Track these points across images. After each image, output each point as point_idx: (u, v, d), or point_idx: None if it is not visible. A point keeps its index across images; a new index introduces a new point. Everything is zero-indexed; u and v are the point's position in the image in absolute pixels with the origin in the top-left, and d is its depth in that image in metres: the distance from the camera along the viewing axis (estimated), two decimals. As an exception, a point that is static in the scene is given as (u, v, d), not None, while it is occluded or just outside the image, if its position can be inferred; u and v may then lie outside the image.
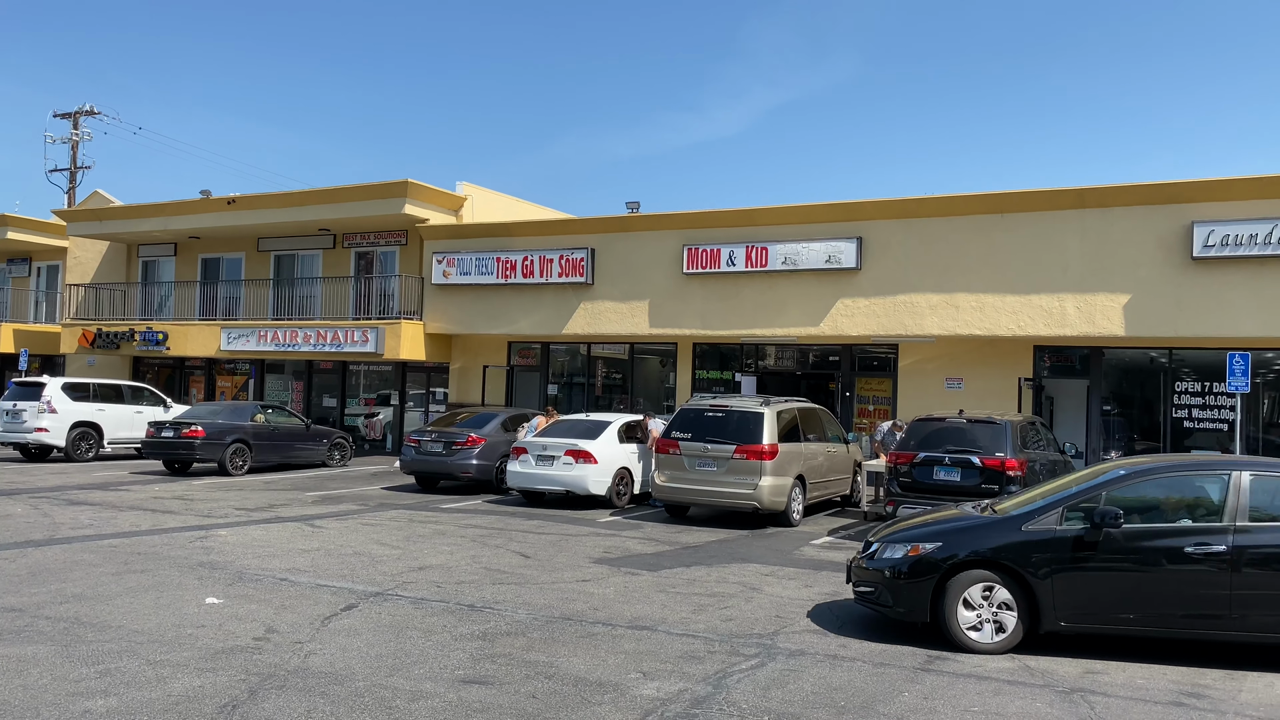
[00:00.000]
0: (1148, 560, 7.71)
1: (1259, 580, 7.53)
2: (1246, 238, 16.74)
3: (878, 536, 8.66)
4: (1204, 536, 7.68)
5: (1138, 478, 8.20)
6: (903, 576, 8.17)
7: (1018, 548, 7.93)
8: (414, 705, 6.34)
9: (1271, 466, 8.14)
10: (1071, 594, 7.79)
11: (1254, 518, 7.73)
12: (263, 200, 26.67)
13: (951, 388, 20.43)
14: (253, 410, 21.66)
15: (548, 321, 23.23)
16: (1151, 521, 7.94)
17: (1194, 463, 8.52)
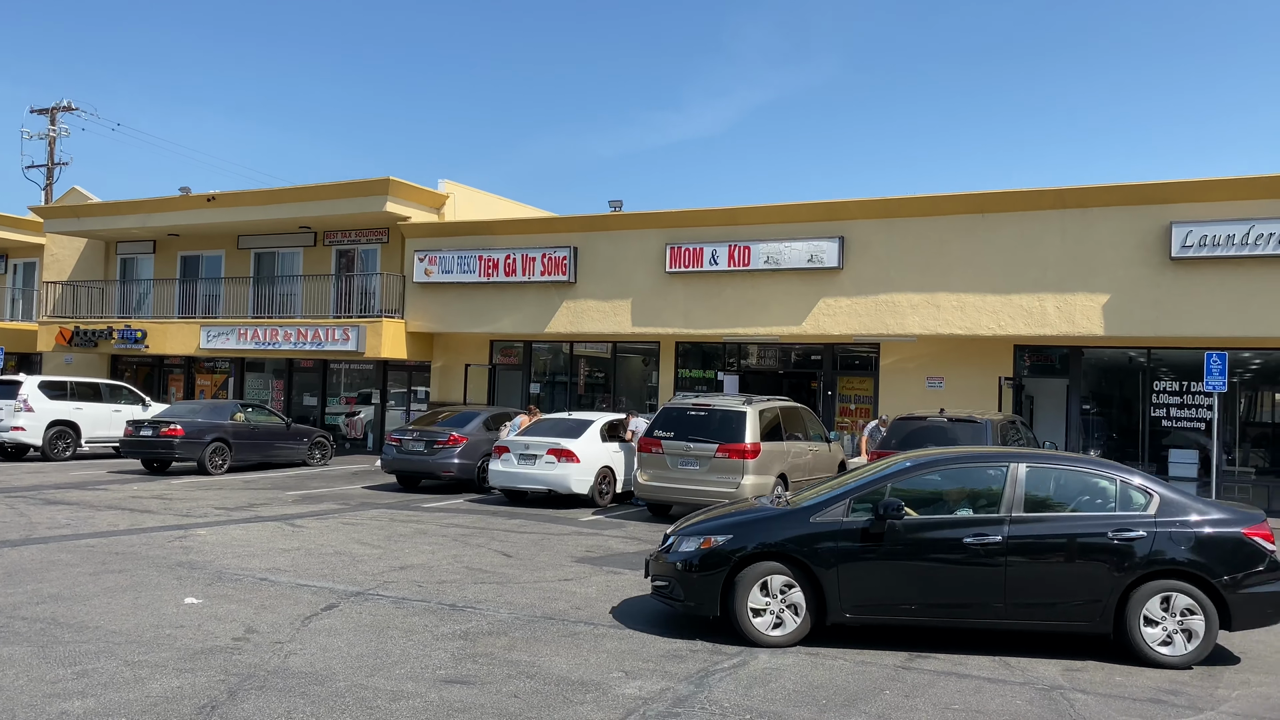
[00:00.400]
0: (929, 551, 7.81)
1: (1031, 569, 7.72)
2: (1224, 238, 16.90)
3: (675, 530, 8.58)
4: (982, 527, 7.82)
5: (922, 470, 8.32)
6: (694, 569, 8.11)
7: (806, 539, 7.94)
8: (395, 705, 6.31)
9: (1047, 459, 8.37)
10: (857, 585, 7.84)
11: (1029, 508, 7.91)
12: (243, 197, 26.49)
13: (933, 387, 20.53)
14: (232, 409, 21.51)
15: (530, 320, 23.19)
16: (934, 513, 8.08)
17: (975, 455, 8.63)
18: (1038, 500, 8.00)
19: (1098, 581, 7.67)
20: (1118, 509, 7.92)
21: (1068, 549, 7.72)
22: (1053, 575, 7.72)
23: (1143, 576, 7.68)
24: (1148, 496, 7.94)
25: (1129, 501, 7.95)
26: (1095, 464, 8.42)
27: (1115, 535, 7.71)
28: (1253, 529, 7.85)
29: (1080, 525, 7.81)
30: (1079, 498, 8.10)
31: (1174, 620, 7.66)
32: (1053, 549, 7.74)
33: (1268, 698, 7.02)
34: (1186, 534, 7.73)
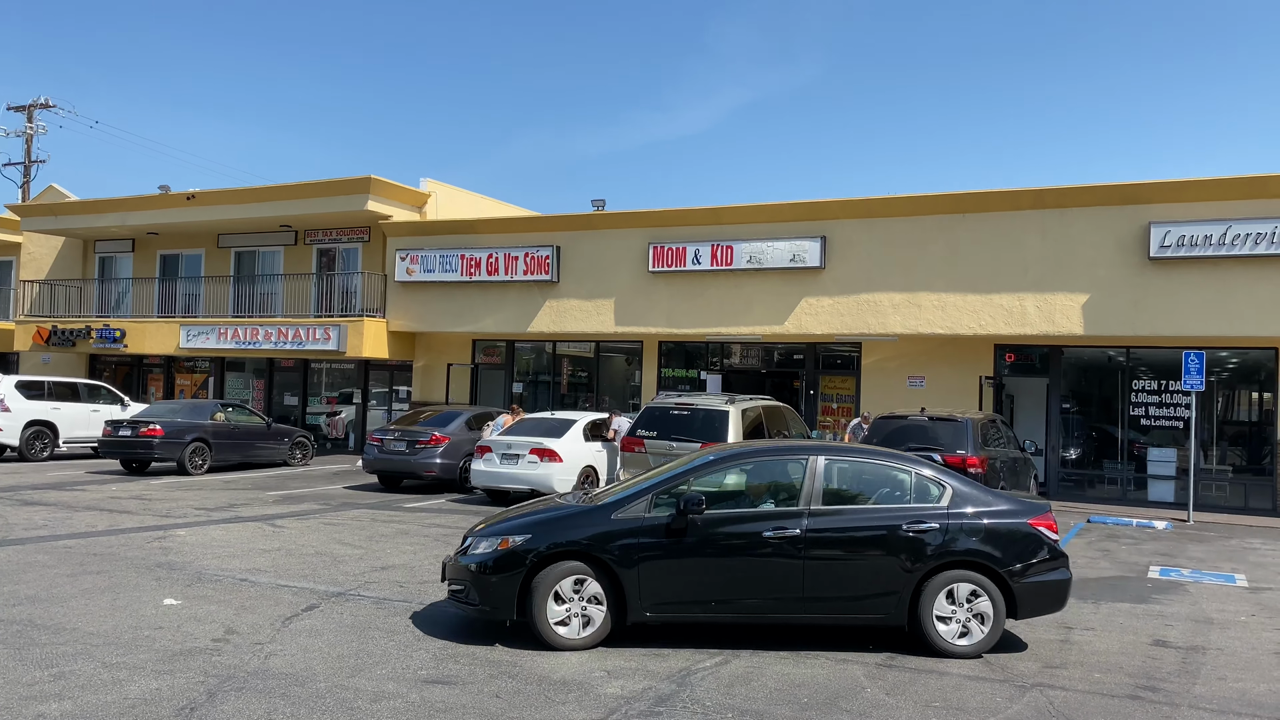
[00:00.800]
0: (730, 546, 7.71)
1: (829, 562, 7.72)
2: (1201, 239, 17.04)
3: (472, 530, 8.31)
4: (781, 521, 7.77)
5: (725, 463, 8.24)
6: (490, 572, 7.78)
7: (606, 537, 7.71)
8: (376, 706, 6.29)
9: (846, 452, 8.41)
10: (657, 583, 7.68)
11: (828, 501, 7.91)
12: (223, 196, 26.32)
13: (914, 386, 20.62)
14: (213, 409, 21.37)
15: (513, 320, 23.15)
16: (735, 507, 8.02)
17: (776, 448, 8.59)
18: (836, 493, 8.00)
19: (893, 573, 7.71)
20: (913, 501, 7.97)
21: (864, 541, 7.74)
22: (850, 568, 7.73)
23: (936, 568, 7.75)
24: (941, 489, 7.99)
25: (924, 494, 7.99)
26: (892, 456, 8.44)
27: (910, 527, 7.76)
28: (1037, 519, 8.00)
29: (877, 518, 7.84)
30: (877, 490, 8.13)
31: (965, 610, 7.75)
32: (850, 542, 7.74)
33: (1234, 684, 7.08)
34: (977, 525, 7.83)
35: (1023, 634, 8.59)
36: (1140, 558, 12.98)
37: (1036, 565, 7.87)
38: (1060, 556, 8.02)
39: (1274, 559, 13.14)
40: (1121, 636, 8.63)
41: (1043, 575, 7.89)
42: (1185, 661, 7.87)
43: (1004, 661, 7.71)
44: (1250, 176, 17.03)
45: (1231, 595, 10.64)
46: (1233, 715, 6.57)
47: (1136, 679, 7.34)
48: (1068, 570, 8.06)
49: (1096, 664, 7.72)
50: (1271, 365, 18.35)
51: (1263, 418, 18.73)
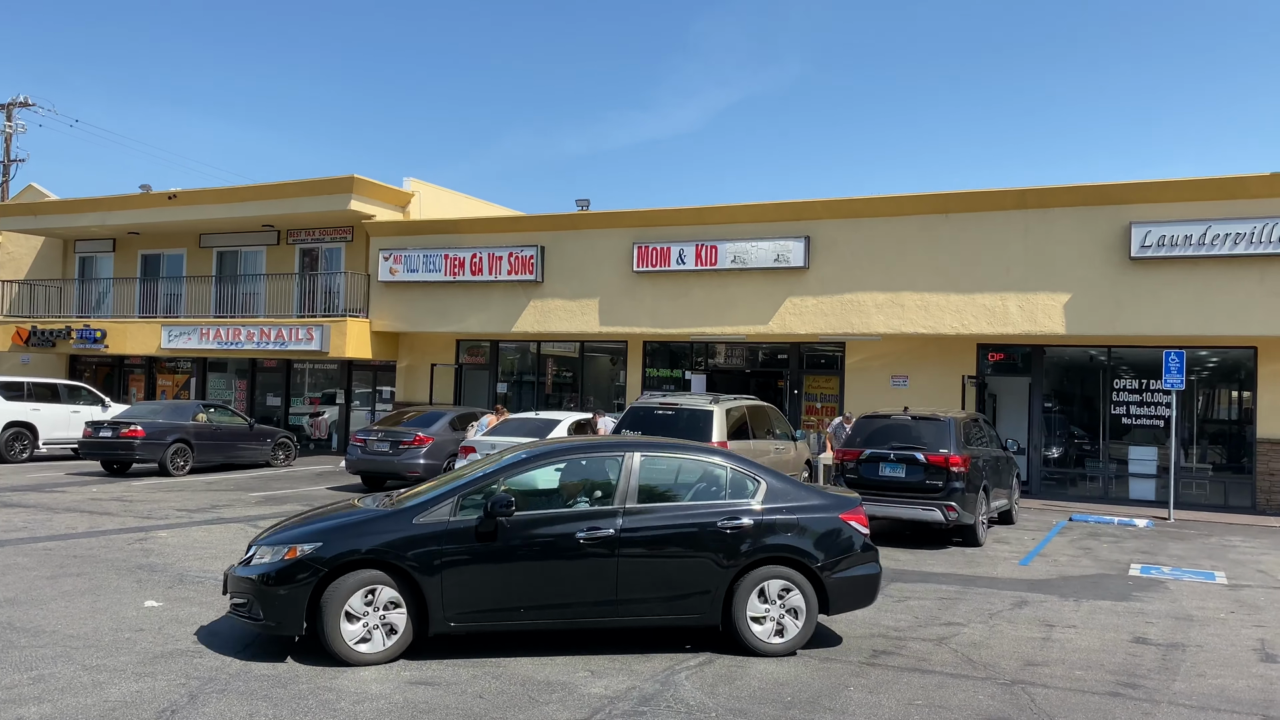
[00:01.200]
0: (541, 549, 7.37)
1: (644, 563, 7.50)
2: (1181, 238, 17.17)
3: (257, 539, 7.66)
4: (595, 521, 7.50)
5: (538, 461, 7.87)
6: (275, 583, 7.12)
7: (407, 543, 7.21)
8: (359, 707, 6.27)
9: (663, 448, 8.18)
10: (463, 591, 7.24)
11: (643, 499, 7.68)
12: (205, 195, 26.17)
13: (897, 385, 20.70)
14: (194, 409, 21.24)
15: (497, 319, 23.11)
16: (547, 507, 7.66)
17: (591, 444, 8.28)
18: (652, 490, 7.79)
19: (709, 571, 7.56)
20: (728, 497, 7.84)
21: (680, 539, 7.56)
22: (666, 567, 7.54)
23: (750, 564, 7.64)
24: (756, 484, 7.91)
25: (740, 489, 7.88)
26: (708, 452, 8.30)
27: (724, 524, 7.64)
28: (849, 514, 8.00)
29: (692, 515, 7.67)
30: (694, 486, 7.97)
31: (778, 607, 7.67)
32: (666, 540, 7.55)
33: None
34: (790, 520, 7.77)
35: (1003, 631, 8.64)
36: (1121, 555, 13.07)
37: (848, 560, 7.85)
38: (871, 550, 8.02)
39: (1253, 557, 13.26)
40: (1102, 634, 8.68)
41: (854, 570, 7.88)
42: (1165, 658, 7.93)
43: (986, 659, 7.74)
44: (1229, 177, 17.17)
45: (1211, 593, 10.72)
46: (1212, 711, 6.63)
47: (1117, 676, 7.39)
48: (878, 564, 8.07)
49: (1078, 661, 7.77)
50: (1251, 364, 18.50)
51: (1242, 416, 18.89)
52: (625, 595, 7.47)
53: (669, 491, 7.90)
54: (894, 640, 8.27)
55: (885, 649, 7.98)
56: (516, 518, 7.38)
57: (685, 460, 8.12)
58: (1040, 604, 9.88)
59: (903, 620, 9.02)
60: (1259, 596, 10.56)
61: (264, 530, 8.00)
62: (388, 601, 7.19)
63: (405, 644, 7.25)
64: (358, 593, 7.14)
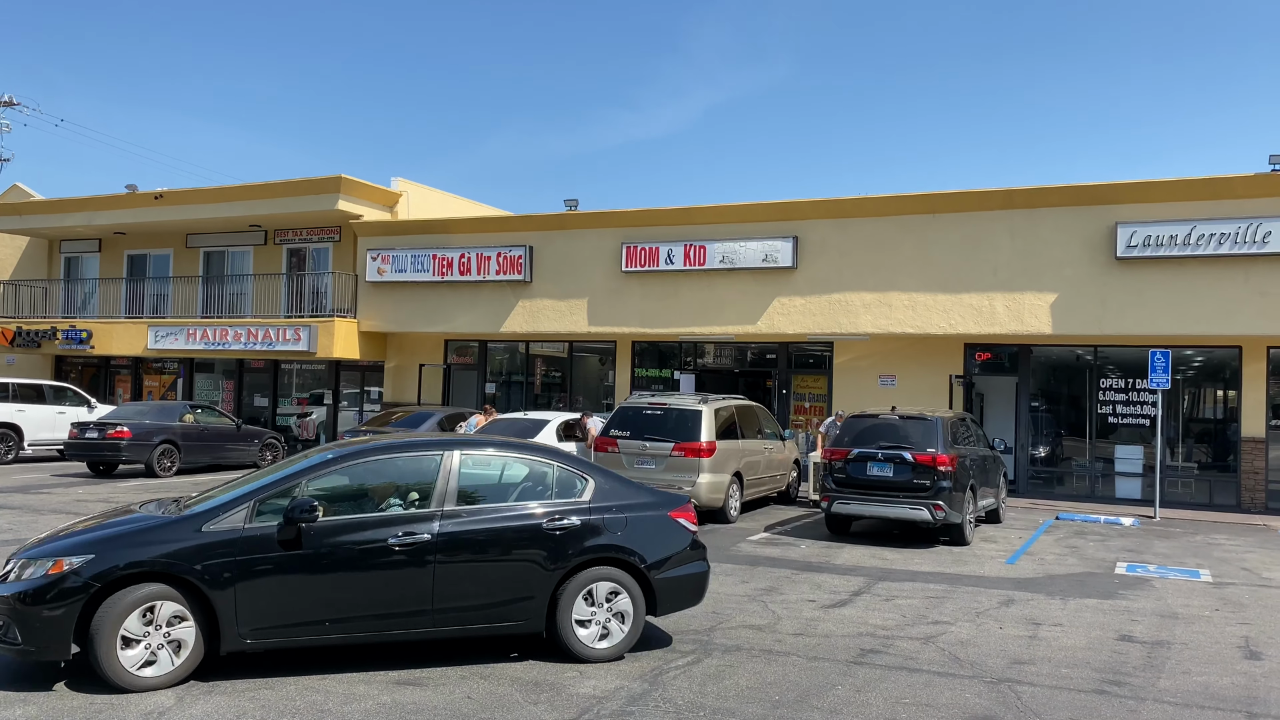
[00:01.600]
0: (349, 556, 6.83)
1: (464, 569, 7.06)
2: (1167, 239, 17.26)
3: (18, 553, 6.78)
4: (410, 525, 6.99)
5: (346, 462, 7.30)
6: (37, 602, 6.29)
7: (194, 553, 6.51)
8: (347, 708, 6.26)
9: (485, 445, 7.75)
10: (260, 604, 6.61)
11: (463, 501, 7.26)
12: (191, 195, 26.06)
13: (885, 385, 20.75)
14: (181, 410, 21.16)
15: (485, 320, 23.08)
16: (356, 512, 7.10)
17: (405, 443, 7.64)
18: (473, 491, 7.35)
19: (533, 575, 7.21)
20: (555, 496, 7.52)
21: (502, 543, 7.16)
22: (488, 573, 7.11)
23: (576, 567, 7.34)
24: (584, 482, 7.62)
25: (567, 488, 7.57)
26: (533, 450, 7.94)
27: (550, 525, 7.30)
28: (677, 511, 7.82)
29: (516, 516, 7.28)
30: (519, 486, 7.60)
31: (605, 610, 7.40)
32: (486, 544, 7.12)
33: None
34: (618, 520, 7.50)
35: (990, 630, 8.68)
36: (1108, 554, 13.13)
37: (676, 559, 7.66)
38: (699, 548, 7.86)
39: (1237, 555, 13.35)
40: (1088, 632, 8.73)
41: (683, 569, 7.70)
42: (1150, 656, 7.97)
43: (973, 657, 7.78)
44: (1214, 177, 17.28)
45: (1196, 590, 10.79)
46: (1196, 709, 6.67)
47: (1103, 673, 7.43)
48: (706, 562, 7.91)
49: (1064, 659, 7.81)
50: (1235, 364, 18.62)
51: (1227, 415, 19.00)
52: (443, 604, 7.00)
53: (492, 492, 7.49)
54: (882, 639, 8.30)
55: (873, 648, 8.01)
56: (322, 524, 6.79)
57: (510, 459, 7.72)
58: (1027, 602, 9.93)
59: (890, 619, 9.05)
60: (1243, 594, 10.63)
61: (31, 542, 7.03)
62: (171, 616, 6.47)
63: (193, 664, 6.57)
64: (136, 611, 6.38)
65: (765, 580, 10.76)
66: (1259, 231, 16.71)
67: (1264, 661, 7.89)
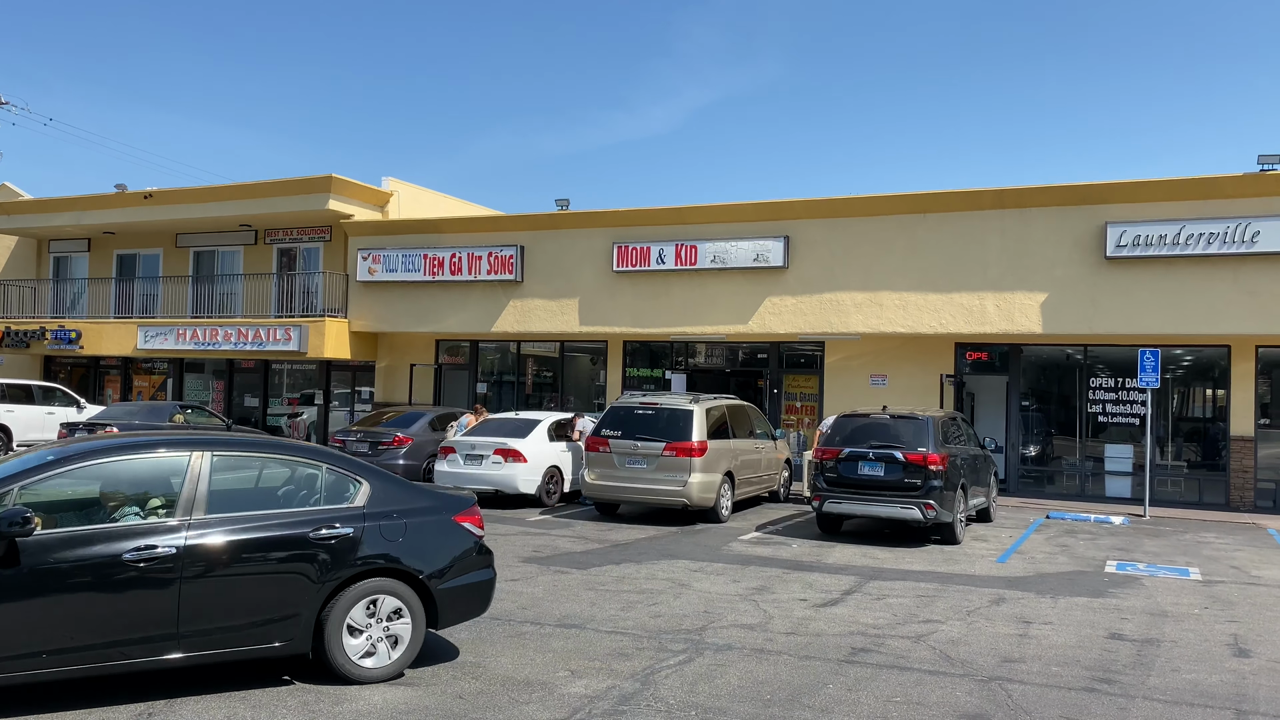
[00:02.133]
0: (74, 576, 5.86)
1: (217, 586, 6.22)
2: (1156, 238, 17.33)
3: None
4: (150, 538, 6.11)
5: (68, 464, 6.28)
6: None
7: None
8: (338, 709, 6.24)
9: (240, 445, 6.91)
10: None
11: (215, 508, 6.38)
12: (181, 195, 25.98)
13: (876, 384, 20.79)
14: (171, 410, 21.08)
15: (476, 319, 23.05)
16: (85, 523, 6.15)
17: (144, 441, 6.64)
18: (228, 497, 6.51)
19: (299, 590, 6.46)
20: (324, 502, 6.82)
21: (262, 555, 6.37)
22: (245, 589, 6.30)
23: (349, 579, 6.65)
24: (358, 485, 6.94)
25: (338, 493, 6.88)
26: (298, 450, 7.11)
27: (318, 533, 6.57)
28: (462, 515, 7.25)
29: (278, 524, 6.50)
30: (282, 490, 6.86)
31: (380, 626, 6.76)
32: (244, 557, 6.31)
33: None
34: (395, 526, 6.87)
35: (981, 628, 8.70)
36: (1098, 552, 13.18)
37: (460, 566, 7.08)
38: (485, 554, 7.31)
39: (1226, 553, 13.41)
40: (1079, 630, 8.76)
41: (467, 577, 7.13)
42: (1140, 654, 8.01)
43: (964, 656, 7.80)
44: (1203, 177, 17.35)
45: (1186, 589, 10.84)
46: (1185, 706, 6.70)
47: (1093, 671, 7.46)
48: (492, 569, 7.37)
49: (1054, 657, 7.83)
50: (1225, 363, 18.70)
51: (1216, 414, 19.09)
52: (190, 627, 6.15)
53: (250, 498, 6.67)
54: (873, 638, 8.32)
55: (863, 646, 8.02)
56: (39, 538, 5.82)
57: (270, 460, 6.92)
58: (1017, 601, 9.96)
59: (881, 618, 9.07)
60: (1232, 592, 10.68)
61: None
62: None
63: None
64: None
65: (756, 579, 10.78)
66: (1248, 231, 16.79)
67: (1253, 659, 7.93)
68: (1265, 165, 17.15)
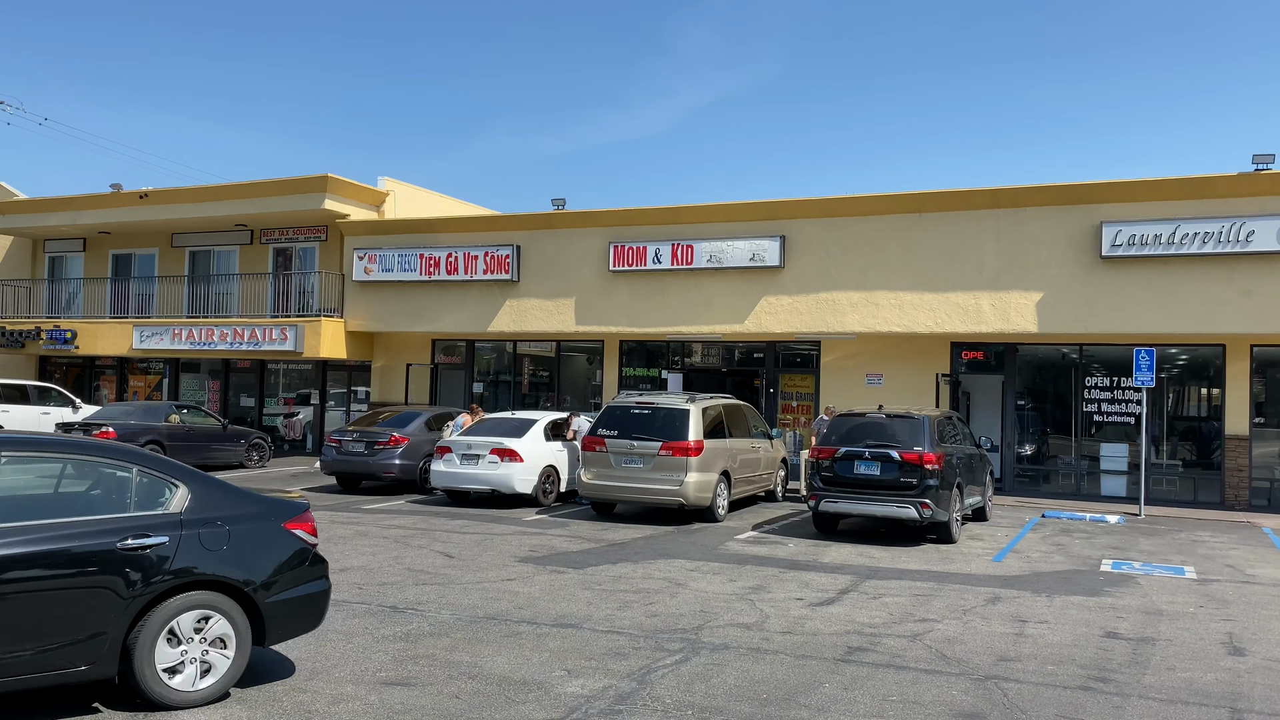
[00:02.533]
0: None
1: (5, 607, 5.46)
2: (1151, 238, 17.36)
3: None
4: None
5: None
6: None
7: None
8: (334, 709, 6.24)
9: (32, 444, 6.23)
10: None
11: (6, 516, 5.68)
12: (177, 195, 25.94)
13: (872, 384, 20.81)
14: (167, 410, 21.06)
15: (473, 319, 23.04)
16: None
17: None
18: (18, 503, 5.84)
19: (104, 607, 5.75)
20: (136, 508, 6.12)
21: (60, 569, 5.63)
22: (39, 608, 5.55)
23: (163, 594, 5.99)
24: (174, 489, 6.29)
25: (152, 498, 6.21)
26: (108, 450, 6.36)
27: (126, 543, 5.88)
28: (294, 521, 6.70)
29: (80, 534, 5.77)
30: (86, 496, 6.17)
31: (199, 645, 6.13)
32: (38, 572, 5.56)
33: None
34: (217, 533, 6.26)
35: (977, 627, 8.71)
36: (1093, 551, 13.21)
37: (290, 578, 6.52)
38: (319, 564, 6.77)
39: (1221, 551, 13.44)
40: (1074, 629, 8.78)
41: (298, 589, 6.57)
42: (1135, 652, 8.02)
43: (960, 655, 7.81)
44: (1197, 177, 17.38)
45: (1181, 587, 10.86)
46: (1180, 705, 6.72)
47: (1088, 670, 7.48)
48: (326, 580, 6.80)
49: (1050, 656, 7.85)
50: (1219, 362, 18.74)
51: (1211, 413, 19.12)
52: None
53: (47, 504, 5.94)
54: (869, 637, 8.33)
55: (860, 645, 8.03)
56: None
57: (72, 461, 6.22)
58: (1013, 600, 9.98)
59: (877, 617, 9.09)
60: (1227, 591, 10.71)
61: None
62: None
63: None
64: None
65: (753, 579, 10.78)
66: (1242, 230, 16.83)
67: (1248, 657, 7.95)
68: (1260, 165, 17.19)
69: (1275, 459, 18.57)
